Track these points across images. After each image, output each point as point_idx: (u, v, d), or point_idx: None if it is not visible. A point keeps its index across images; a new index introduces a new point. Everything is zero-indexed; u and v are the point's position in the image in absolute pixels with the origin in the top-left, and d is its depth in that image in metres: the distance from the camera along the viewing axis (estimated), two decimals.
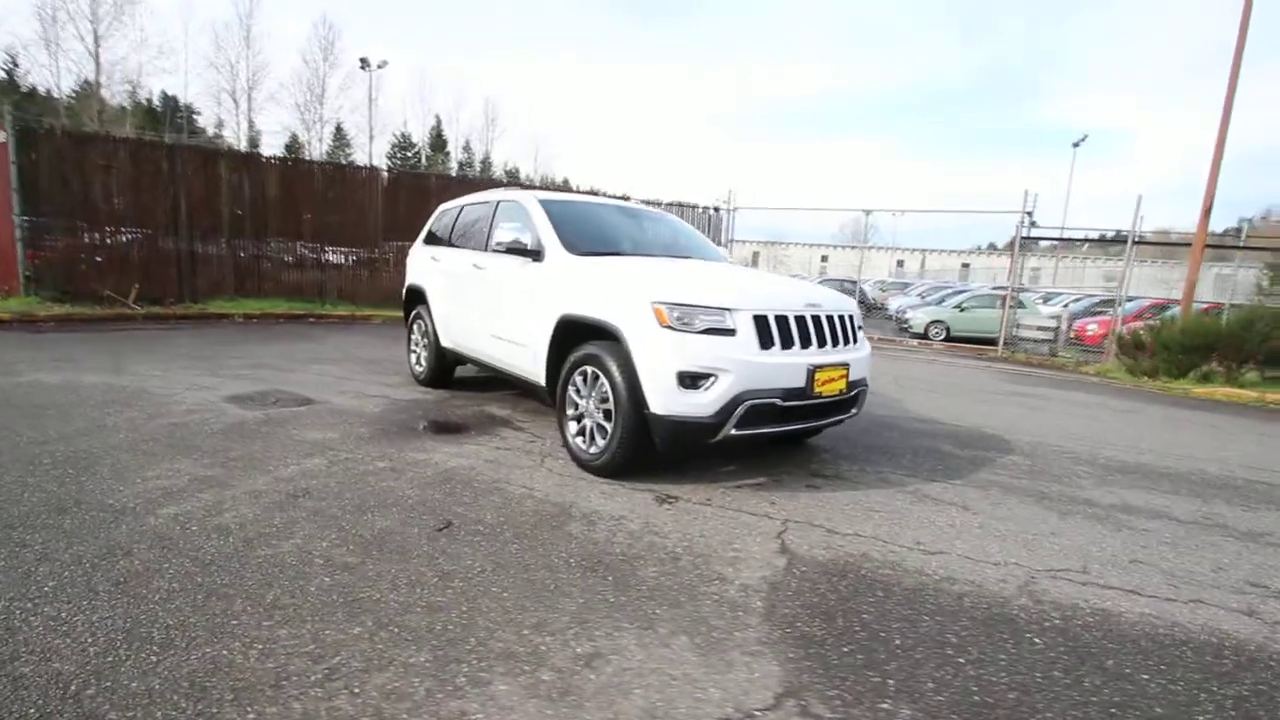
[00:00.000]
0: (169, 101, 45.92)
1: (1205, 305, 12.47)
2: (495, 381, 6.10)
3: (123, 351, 6.74)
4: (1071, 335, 14.94)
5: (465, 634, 2.05)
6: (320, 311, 11.29)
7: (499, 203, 4.95)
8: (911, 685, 1.93)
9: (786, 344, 3.36)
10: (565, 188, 13.09)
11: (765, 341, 3.28)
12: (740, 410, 3.20)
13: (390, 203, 12.64)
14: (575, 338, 3.74)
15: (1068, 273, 31.69)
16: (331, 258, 12.42)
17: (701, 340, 3.19)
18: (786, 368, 3.30)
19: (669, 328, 3.20)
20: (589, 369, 3.57)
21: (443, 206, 6.08)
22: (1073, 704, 1.88)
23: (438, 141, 61.22)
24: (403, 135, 58.99)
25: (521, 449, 4.07)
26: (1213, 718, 1.87)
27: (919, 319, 17.12)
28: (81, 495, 2.95)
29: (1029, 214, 12.93)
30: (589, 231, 4.37)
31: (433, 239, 5.95)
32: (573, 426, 3.75)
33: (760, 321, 3.29)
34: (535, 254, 4.15)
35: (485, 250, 4.84)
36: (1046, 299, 19.99)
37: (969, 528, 3.19)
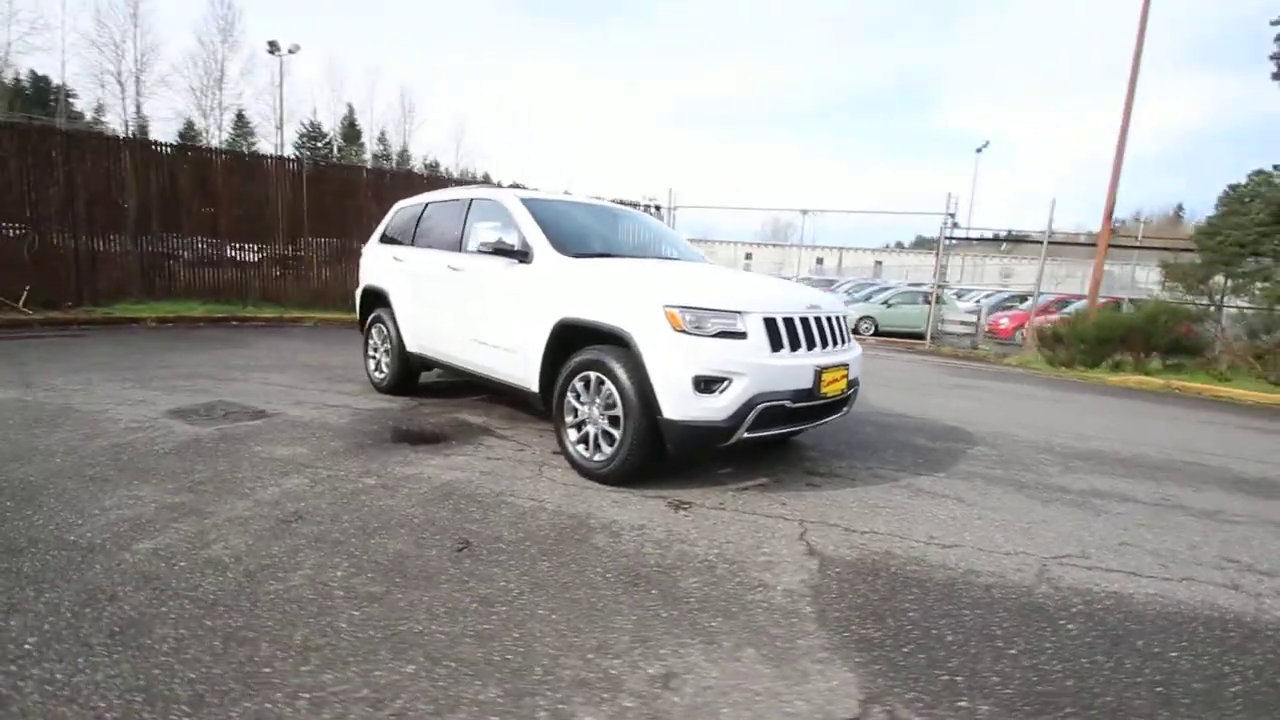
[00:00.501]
0: (40, 82, 41.40)
1: (1104, 300, 13.68)
2: (461, 387, 5.86)
3: (27, 362, 5.99)
4: (985, 329, 16.01)
5: (528, 663, 1.93)
6: (243, 314, 10.48)
7: (472, 201, 4.73)
8: (978, 681, 1.98)
9: (794, 346, 3.38)
10: (486, 181, 12.62)
11: (775, 344, 3.29)
12: (754, 413, 3.19)
13: (315, 197, 11.89)
14: (574, 342, 3.63)
15: (970, 270, 34.02)
16: (251, 256, 11.58)
17: (715, 344, 3.16)
18: (795, 369, 3.32)
19: (683, 332, 3.16)
20: (592, 374, 3.46)
21: (400, 204, 5.76)
22: (1125, 686, 1.98)
23: (351, 132, 58.27)
24: (312, 125, 55.83)
25: (513, 458, 3.91)
26: (1242, 688, 2.02)
27: (849, 315, 17.86)
28: (34, 532, 2.58)
29: (951, 215, 13.74)
30: (574, 232, 4.25)
31: (390, 238, 5.63)
32: (573, 434, 3.64)
33: (770, 324, 3.30)
34: (522, 255, 3.99)
35: (461, 251, 4.61)
36: (959, 295, 21.35)
37: (970, 519, 3.33)
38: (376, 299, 5.56)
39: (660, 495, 3.39)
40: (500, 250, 3.99)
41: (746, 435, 3.26)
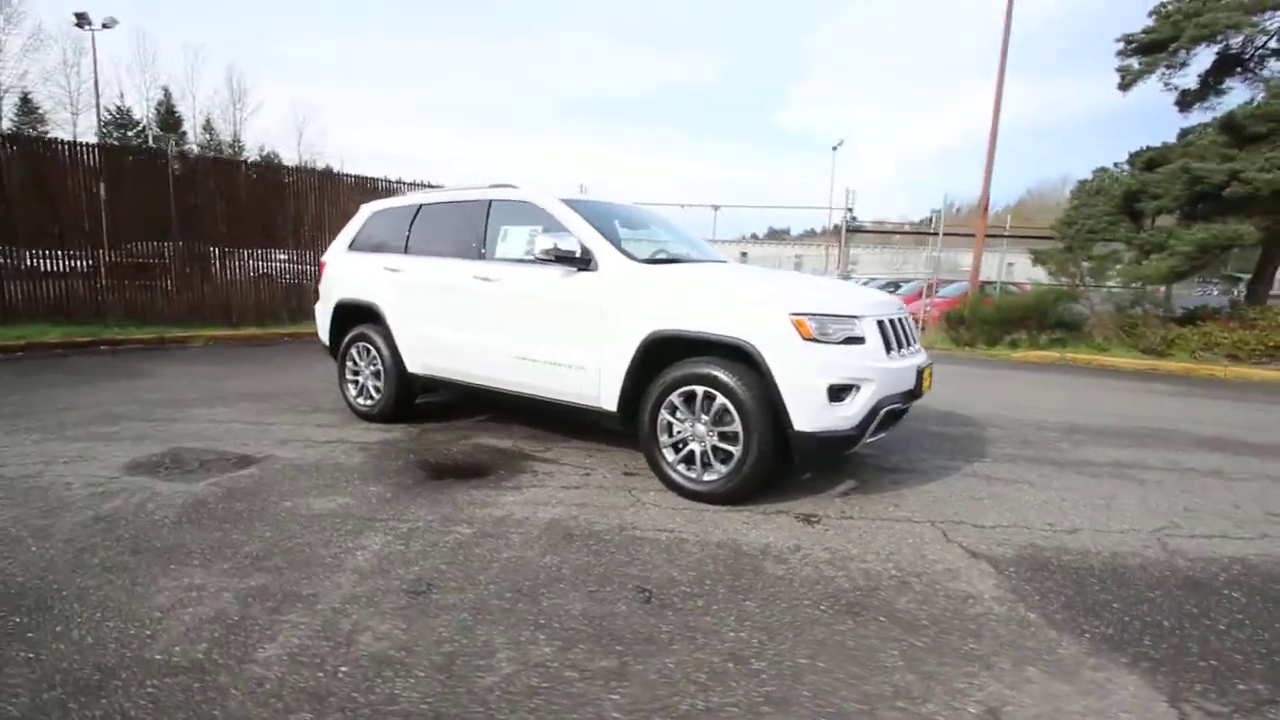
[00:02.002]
0: None
1: (980, 283, 15.35)
2: (455, 408, 5.30)
3: None
4: None
5: None
6: (111, 336, 8.76)
7: (492, 203, 4.25)
8: (1231, 661, 2.07)
9: (899, 347, 3.39)
10: (330, 173, 11.73)
11: (888, 346, 3.27)
12: (878, 419, 3.16)
13: (184, 195, 10.23)
14: (666, 356, 3.38)
15: (821, 259, 36.90)
16: (102, 264, 9.68)
17: (843, 351, 3.08)
18: (904, 371, 3.33)
19: (813, 340, 3.04)
20: (698, 389, 3.24)
21: (374, 207, 5.06)
22: None
23: (169, 119, 51.03)
24: (120, 110, 48.25)
25: (592, 485, 3.57)
26: None
27: None
28: (94, 655, 1.93)
29: (849, 210, 14.72)
30: (637, 234, 3.97)
31: (366, 246, 4.94)
32: (670, 454, 3.39)
33: (880, 327, 3.27)
34: (584, 262, 3.65)
35: (486, 259, 4.14)
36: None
37: (1057, 502, 3.53)
38: (359, 316, 4.86)
39: (777, 510, 3.26)
40: (561, 258, 3.61)
41: (868, 440, 3.22)
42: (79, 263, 9.53)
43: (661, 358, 3.39)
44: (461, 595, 2.35)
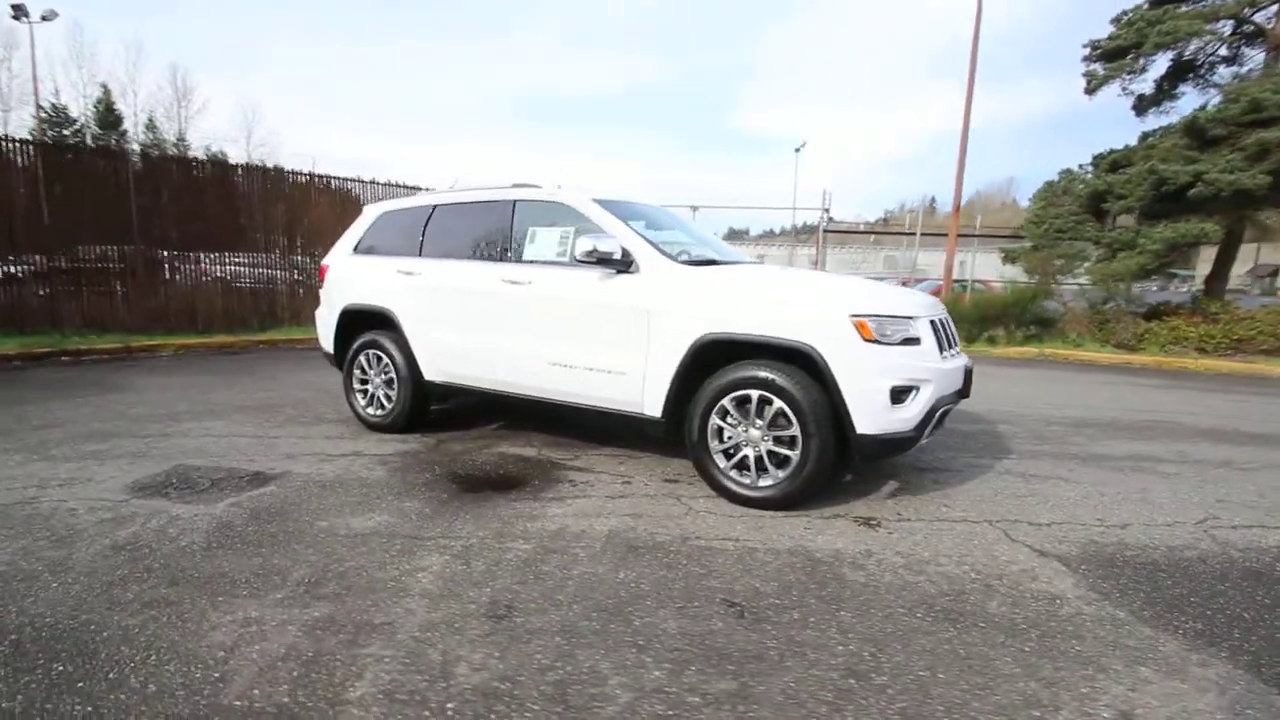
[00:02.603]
0: None
1: (941, 283, 15.73)
2: (469, 416, 5.11)
3: None
4: None
5: None
6: (72, 346, 8.21)
7: (517, 203, 4.10)
8: None
9: (949, 347, 3.39)
10: (280, 172, 11.38)
11: (939, 347, 3.26)
12: (934, 419, 3.14)
13: (144, 195, 9.66)
14: (715, 360, 3.30)
15: (781, 258, 37.47)
16: (53, 269, 9.07)
17: (903, 352, 3.05)
18: (955, 371, 3.32)
19: (874, 342, 2.99)
20: (752, 393, 3.16)
21: (384, 208, 4.84)
22: None
23: (108, 117, 48.50)
24: (55, 107, 45.62)
25: (637, 494, 3.46)
26: None
27: None
28: (163, 708, 1.74)
29: (827, 210, 14.91)
30: (662, 236, 3.87)
31: (373, 249, 4.72)
32: (722, 460, 3.31)
33: (933, 327, 3.26)
34: (625, 265, 3.54)
35: (515, 261, 3.98)
36: None
37: (1096, 497, 3.58)
38: (369, 322, 4.64)
39: (834, 514, 3.21)
40: (602, 260, 3.50)
41: (924, 441, 3.20)
42: (25, 268, 8.92)
43: (709, 362, 3.31)
44: (546, 617, 2.22)
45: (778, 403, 3.11)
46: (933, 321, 3.29)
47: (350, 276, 4.75)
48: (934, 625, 2.23)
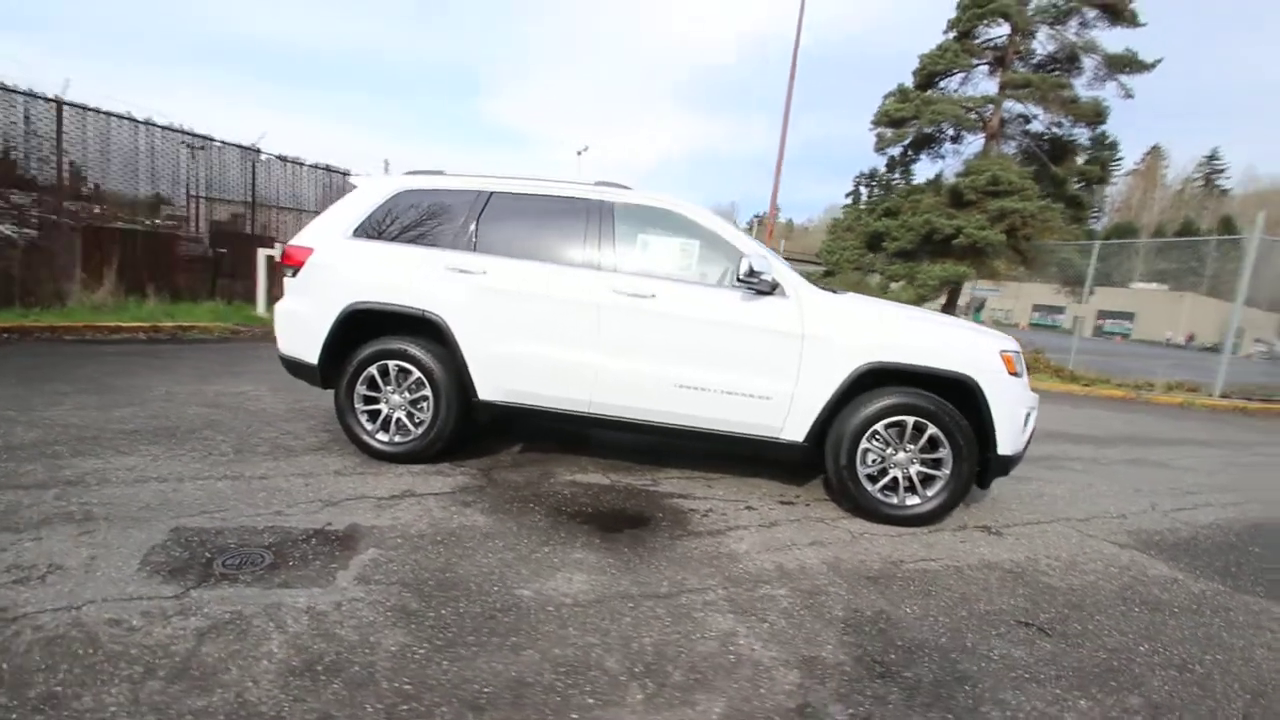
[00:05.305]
0: None
1: None
2: (478, 439, 4.40)
3: None
4: None
5: None
6: None
7: (616, 206, 3.67)
8: None
9: None
10: None
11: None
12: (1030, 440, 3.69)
13: None
14: (869, 386, 3.42)
15: None
16: None
17: (1023, 383, 3.52)
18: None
19: (1015, 375, 3.42)
20: (908, 419, 3.36)
21: (404, 184, 3.85)
22: None
23: None
24: None
25: (782, 520, 3.40)
26: None
27: None
28: None
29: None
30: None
31: (394, 234, 3.79)
32: (868, 484, 3.44)
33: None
34: (771, 288, 3.45)
35: (623, 271, 3.56)
36: None
37: (1093, 494, 4.48)
38: (390, 326, 3.71)
39: (957, 526, 3.57)
40: (753, 283, 3.37)
41: None
42: None
43: (862, 389, 3.43)
44: (935, 662, 2.15)
45: (931, 428, 3.36)
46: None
47: (357, 266, 3.74)
48: (1144, 610, 2.70)
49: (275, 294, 10.84)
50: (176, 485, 3.13)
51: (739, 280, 3.39)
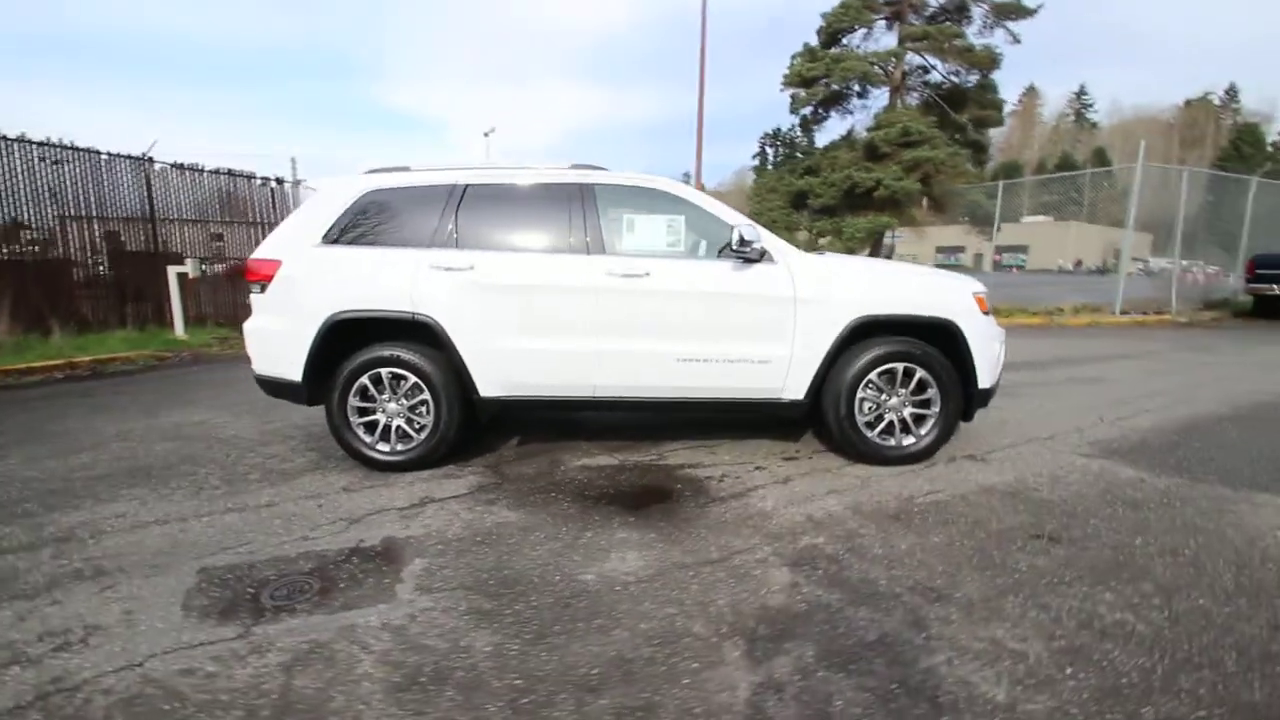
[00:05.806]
0: None
1: None
2: (490, 434, 4.33)
3: None
4: None
5: None
6: None
7: (596, 187, 3.65)
8: None
9: None
10: None
11: None
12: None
13: None
14: (860, 339, 3.61)
15: None
16: None
17: (991, 319, 3.81)
18: None
19: (986, 313, 3.69)
20: (898, 366, 3.58)
21: (367, 185, 3.66)
22: None
23: None
24: None
25: (794, 475, 3.57)
26: None
27: None
28: None
29: None
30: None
31: (369, 238, 3.63)
32: (866, 430, 3.66)
33: None
34: (760, 255, 3.56)
35: (611, 253, 3.56)
36: None
37: (1049, 411, 4.94)
38: (378, 333, 3.58)
39: (950, 457, 3.86)
40: (743, 252, 3.47)
41: None
42: None
43: (854, 341, 3.62)
44: (992, 580, 2.36)
45: (920, 372, 3.60)
46: None
47: (335, 275, 3.57)
48: (1127, 509, 3.04)
49: (192, 313, 10.17)
50: (181, 526, 2.95)
51: (731, 250, 3.48)
